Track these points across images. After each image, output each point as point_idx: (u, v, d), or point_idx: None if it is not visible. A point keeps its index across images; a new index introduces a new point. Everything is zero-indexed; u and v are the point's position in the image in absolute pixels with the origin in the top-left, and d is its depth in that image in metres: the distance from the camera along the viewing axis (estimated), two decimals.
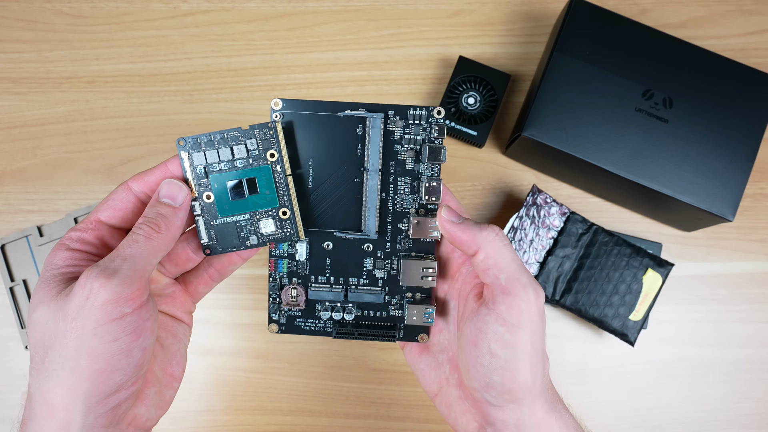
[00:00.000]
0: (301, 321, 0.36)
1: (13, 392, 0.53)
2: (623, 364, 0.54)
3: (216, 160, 0.32)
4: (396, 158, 0.34)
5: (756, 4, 0.58)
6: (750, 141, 0.49)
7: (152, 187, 0.32)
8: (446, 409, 0.34)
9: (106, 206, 0.31)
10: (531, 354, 0.29)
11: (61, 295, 0.28)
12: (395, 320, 0.36)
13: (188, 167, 0.32)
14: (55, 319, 0.27)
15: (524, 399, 0.30)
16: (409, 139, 0.34)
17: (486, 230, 0.31)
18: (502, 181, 0.56)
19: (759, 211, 0.56)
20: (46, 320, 0.27)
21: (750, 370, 0.54)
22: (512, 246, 0.31)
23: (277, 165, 0.32)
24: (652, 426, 0.54)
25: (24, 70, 0.56)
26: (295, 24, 0.57)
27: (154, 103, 0.56)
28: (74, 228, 0.31)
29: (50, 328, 0.27)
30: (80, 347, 0.27)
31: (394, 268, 0.35)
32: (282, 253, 0.35)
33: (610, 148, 0.49)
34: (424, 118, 0.34)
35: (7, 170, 0.55)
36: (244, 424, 0.53)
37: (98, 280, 0.27)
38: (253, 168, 0.32)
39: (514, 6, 0.58)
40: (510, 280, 0.30)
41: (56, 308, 0.27)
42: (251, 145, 0.32)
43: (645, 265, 0.50)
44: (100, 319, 0.27)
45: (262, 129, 0.32)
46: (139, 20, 0.57)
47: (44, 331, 0.28)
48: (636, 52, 0.49)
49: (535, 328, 0.30)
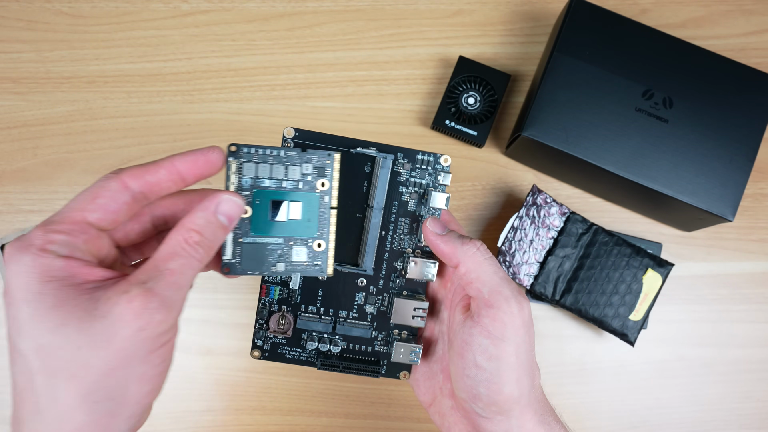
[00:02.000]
0: (286, 349, 0.36)
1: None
2: (623, 364, 0.54)
3: (266, 175, 0.30)
4: (399, 199, 0.35)
5: (756, 4, 0.58)
6: (750, 141, 0.49)
7: (154, 188, 0.27)
8: (440, 419, 0.34)
9: (96, 205, 0.26)
10: (516, 366, 0.30)
11: (96, 315, 0.23)
12: (379, 356, 0.36)
13: (233, 176, 0.30)
14: (90, 346, 0.23)
15: (511, 410, 0.30)
16: (414, 182, 0.34)
17: (467, 244, 0.31)
18: (502, 181, 0.56)
19: (759, 211, 0.56)
20: (74, 344, 0.23)
21: (750, 370, 0.54)
22: (495, 259, 0.31)
23: (326, 196, 0.31)
24: (652, 426, 0.54)
25: (24, 70, 0.56)
26: (295, 24, 0.57)
27: (154, 103, 0.56)
28: (54, 229, 0.25)
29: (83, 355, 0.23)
30: (130, 376, 0.24)
31: (385, 304, 0.35)
32: (275, 280, 0.35)
33: (610, 148, 0.49)
34: (431, 164, 0.34)
35: (7, 170, 0.55)
36: (244, 424, 0.53)
37: (159, 312, 0.24)
38: (301, 192, 0.31)
39: (514, 6, 0.58)
40: (492, 294, 0.30)
41: (92, 332, 0.23)
42: (305, 170, 0.31)
43: (645, 265, 0.50)
44: (152, 347, 0.24)
45: (321, 156, 0.31)
46: (139, 20, 0.57)
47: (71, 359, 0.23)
48: (636, 52, 0.49)
49: (519, 341, 0.30)
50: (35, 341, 0.23)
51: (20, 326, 0.24)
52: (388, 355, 0.36)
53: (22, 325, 0.24)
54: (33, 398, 0.24)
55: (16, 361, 0.24)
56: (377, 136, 0.56)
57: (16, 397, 0.24)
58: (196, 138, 0.56)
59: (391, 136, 0.56)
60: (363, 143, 0.34)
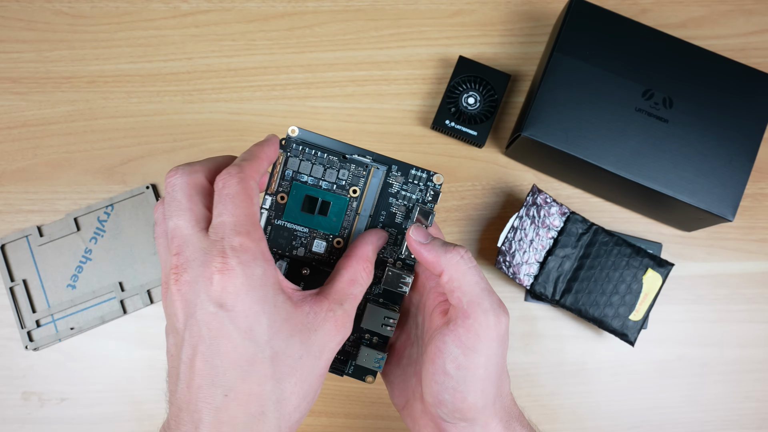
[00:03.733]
0: None
1: (13, 392, 0.53)
2: (623, 364, 0.54)
3: (307, 172, 0.34)
4: (388, 209, 0.35)
5: (756, 4, 0.58)
6: (750, 141, 0.49)
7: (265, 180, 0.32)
8: (411, 423, 0.34)
9: (258, 208, 0.28)
10: (483, 378, 0.30)
11: (307, 328, 0.27)
12: (347, 355, 0.37)
13: (279, 166, 0.34)
14: (308, 355, 0.27)
15: (475, 419, 0.30)
16: (404, 196, 0.35)
17: (451, 252, 0.31)
18: (502, 181, 0.56)
19: (759, 211, 0.56)
20: (299, 354, 0.27)
21: (750, 370, 0.54)
22: (478, 269, 0.31)
23: (354, 202, 0.35)
24: (652, 426, 0.54)
25: (24, 70, 0.56)
26: (295, 24, 0.57)
27: (154, 103, 0.56)
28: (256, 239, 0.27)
29: (303, 362, 0.27)
30: (319, 382, 0.28)
31: (360, 307, 0.36)
32: None
33: (610, 148, 0.49)
34: (423, 180, 0.35)
35: (7, 170, 0.55)
36: None
37: (346, 327, 0.29)
38: (333, 194, 0.34)
39: (514, 6, 0.58)
40: (471, 304, 0.30)
41: (309, 343, 0.27)
42: (342, 175, 0.34)
43: (645, 265, 0.50)
44: (333, 355, 0.29)
45: (359, 166, 0.34)
46: (139, 20, 0.57)
47: (296, 366, 0.27)
48: (636, 52, 0.49)
49: (490, 353, 0.30)
50: (271, 348, 0.26)
51: (254, 335, 0.26)
52: (355, 356, 0.37)
53: (259, 333, 0.26)
54: (260, 402, 0.26)
55: (240, 363, 0.26)
56: (377, 135, 0.56)
57: (232, 400, 0.26)
58: (196, 138, 0.56)
59: (391, 135, 0.56)
60: (361, 151, 0.34)
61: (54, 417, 0.52)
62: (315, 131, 0.35)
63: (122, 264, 0.54)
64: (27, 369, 0.53)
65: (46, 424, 0.52)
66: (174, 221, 0.27)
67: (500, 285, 0.55)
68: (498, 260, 0.51)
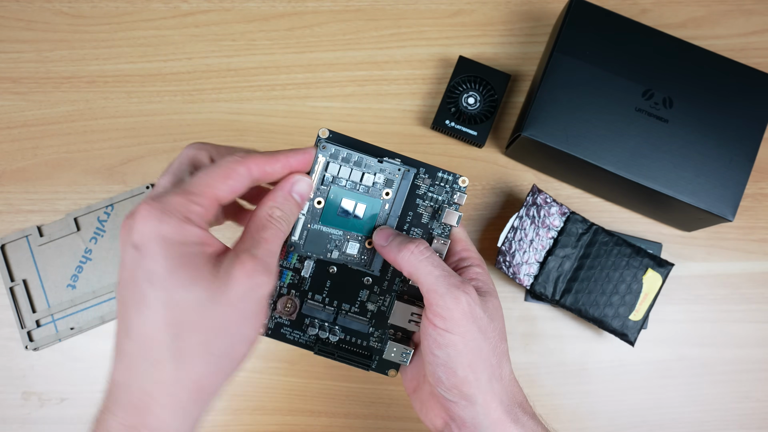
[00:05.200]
0: (288, 330, 0.38)
1: (13, 392, 0.53)
2: (623, 364, 0.54)
3: (346, 176, 0.35)
4: (415, 210, 0.37)
5: (756, 4, 0.58)
6: (750, 141, 0.49)
7: (267, 176, 0.31)
8: (419, 405, 0.37)
9: (227, 186, 0.29)
10: (465, 352, 0.32)
11: (219, 277, 0.27)
12: (372, 351, 0.39)
13: (318, 170, 0.34)
14: (213, 302, 0.26)
15: (474, 396, 0.32)
16: (431, 197, 0.37)
17: (404, 250, 0.33)
18: (502, 181, 0.56)
19: (759, 211, 0.56)
20: (200, 301, 0.26)
21: (749, 370, 0.54)
22: (432, 258, 0.33)
23: (387, 204, 0.36)
24: (652, 426, 0.54)
25: (24, 70, 0.56)
26: (295, 24, 0.57)
27: (154, 103, 0.56)
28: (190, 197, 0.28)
29: (207, 310, 0.26)
30: (239, 333, 0.28)
31: (386, 304, 0.38)
32: (289, 265, 0.37)
33: (610, 148, 0.49)
34: (450, 183, 0.37)
35: (7, 170, 0.55)
36: (244, 424, 0.53)
37: (263, 275, 0.28)
38: (368, 197, 0.36)
39: (514, 6, 0.58)
40: (429, 293, 0.32)
41: (215, 291, 0.27)
42: (378, 178, 0.35)
43: (645, 265, 0.50)
44: (257, 309, 0.28)
45: (393, 170, 0.35)
46: (139, 20, 0.57)
47: (197, 313, 0.26)
48: (636, 52, 0.49)
49: (463, 330, 0.32)
50: (168, 294, 0.26)
51: (154, 278, 0.26)
52: (380, 352, 0.38)
53: (157, 278, 0.26)
54: (156, 345, 0.26)
55: (140, 308, 0.26)
56: (377, 136, 0.56)
57: (134, 342, 0.27)
58: (196, 138, 0.56)
59: (390, 135, 0.56)
60: (391, 153, 0.36)
61: (54, 417, 0.53)
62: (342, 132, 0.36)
63: None
64: (27, 369, 0.53)
65: (46, 424, 0.52)
66: (160, 179, 0.31)
67: (500, 285, 0.55)
68: (498, 260, 0.51)
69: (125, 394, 0.27)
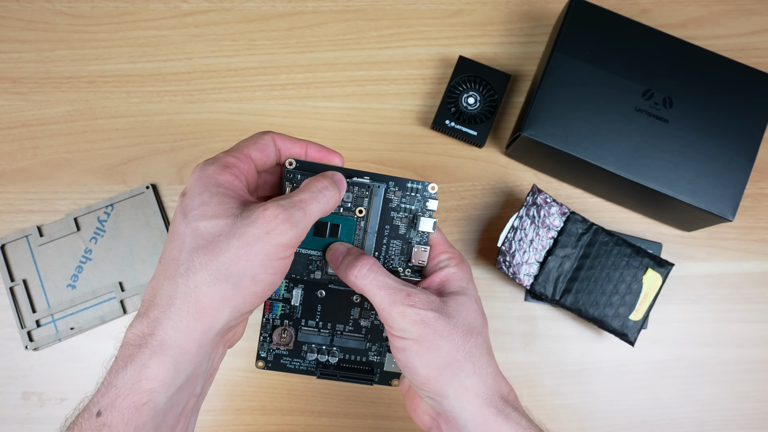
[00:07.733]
0: (287, 360, 0.40)
1: (13, 392, 0.53)
2: (623, 364, 0.54)
3: None
4: (391, 223, 0.38)
5: (756, 4, 0.58)
6: (750, 141, 0.49)
7: (291, 153, 0.36)
8: (409, 404, 0.38)
9: (257, 147, 0.34)
10: (422, 352, 0.33)
11: (241, 216, 0.30)
12: (373, 365, 0.40)
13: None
14: (228, 236, 0.30)
15: (444, 391, 0.33)
16: (405, 208, 0.37)
17: (349, 275, 0.34)
18: (502, 181, 0.56)
19: (759, 211, 0.56)
20: (219, 232, 0.30)
21: (749, 370, 0.54)
22: (376, 278, 0.34)
23: (362, 221, 0.37)
24: (652, 426, 0.54)
25: (24, 70, 0.56)
26: (295, 24, 0.57)
27: (154, 103, 0.56)
28: (229, 154, 0.33)
29: (222, 241, 0.30)
30: (247, 269, 0.30)
31: (378, 319, 0.39)
32: (278, 297, 0.39)
33: (610, 148, 0.49)
34: (420, 191, 0.37)
35: (7, 170, 0.55)
36: (244, 424, 0.53)
37: (284, 224, 0.30)
38: (341, 216, 0.37)
39: (514, 6, 0.58)
40: (379, 311, 0.34)
41: (233, 226, 0.30)
42: (347, 198, 0.36)
43: (645, 265, 0.50)
44: (271, 254, 0.30)
45: (361, 188, 0.36)
46: (139, 20, 0.57)
47: (213, 241, 0.30)
48: (636, 52, 0.49)
49: (415, 335, 0.33)
50: (195, 224, 0.30)
51: (186, 210, 0.31)
52: (381, 364, 0.40)
53: (190, 210, 0.31)
54: (175, 265, 0.30)
55: (173, 237, 0.31)
56: (377, 135, 0.56)
57: (162, 265, 0.31)
58: (196, 138, 0.56)
59: (391, 135, 0.56)
60: (358, 173, 0.37)
61: (54, 417, 0.52)
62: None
63: (122, 264, 0.54)
64: (27, 369, 0.53)
65: (46, 424, 0.52)
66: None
67: (500, 285, 0.55)
68: (498, 260, 0.51)
69: (144, 308, 0.30)
